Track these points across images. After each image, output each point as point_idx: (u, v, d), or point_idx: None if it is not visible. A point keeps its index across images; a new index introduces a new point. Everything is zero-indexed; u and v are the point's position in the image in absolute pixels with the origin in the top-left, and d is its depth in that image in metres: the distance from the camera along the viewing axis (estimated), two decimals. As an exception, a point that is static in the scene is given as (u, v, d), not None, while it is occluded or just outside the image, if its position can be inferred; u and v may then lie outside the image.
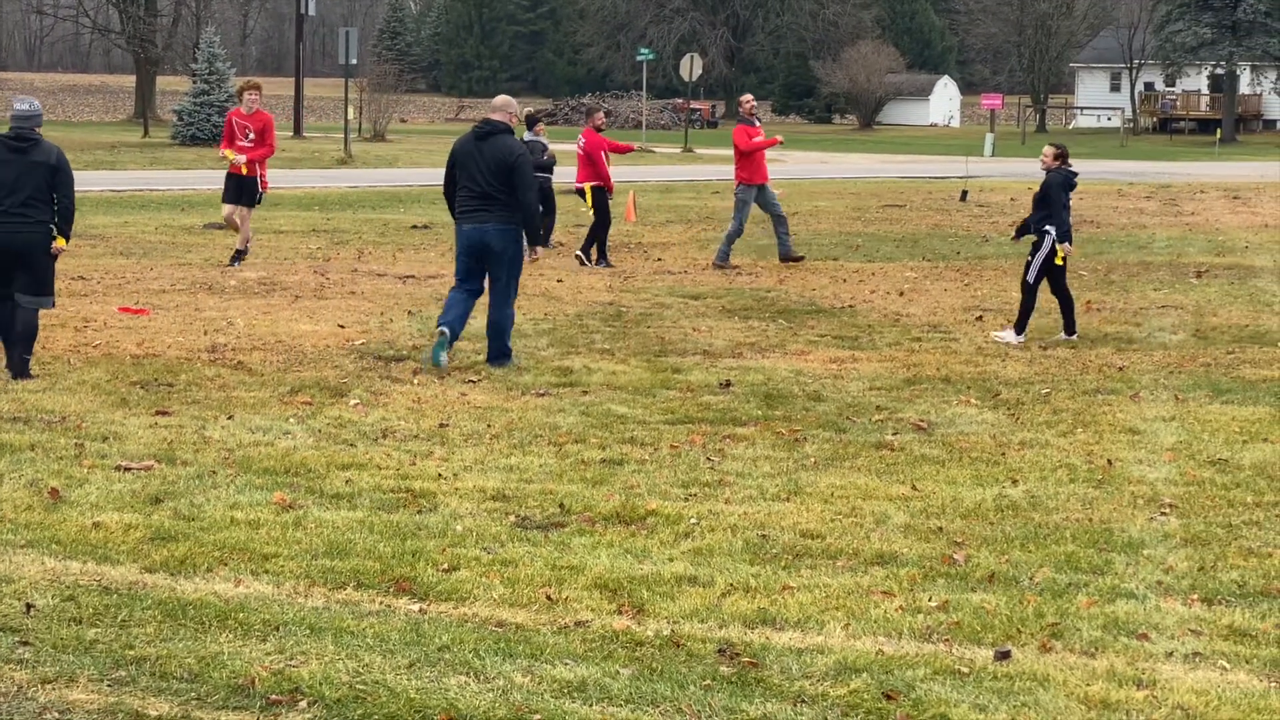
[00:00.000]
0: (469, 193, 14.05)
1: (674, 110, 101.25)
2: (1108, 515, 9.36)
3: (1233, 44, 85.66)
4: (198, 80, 59.24)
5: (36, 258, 12.71)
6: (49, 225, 12.71)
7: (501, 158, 13.93)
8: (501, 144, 14.03)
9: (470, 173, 14.04)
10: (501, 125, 14.20)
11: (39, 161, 12.66)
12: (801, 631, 7.28)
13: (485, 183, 13.94)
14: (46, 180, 12.65)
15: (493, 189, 13.93)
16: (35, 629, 7.07)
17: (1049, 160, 16.15)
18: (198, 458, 10.37)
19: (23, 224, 12.60)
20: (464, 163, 14.13)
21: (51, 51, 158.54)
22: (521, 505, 9.40)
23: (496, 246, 14.00)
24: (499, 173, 13.91)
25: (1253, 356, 15.18)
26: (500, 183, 13.92)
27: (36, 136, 12.83)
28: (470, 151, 14.09)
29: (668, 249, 25.01)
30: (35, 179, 12.63)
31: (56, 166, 12.71)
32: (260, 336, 15.26)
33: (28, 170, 12.63)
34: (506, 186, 13.92)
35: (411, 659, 6.79)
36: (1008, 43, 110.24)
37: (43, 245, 12.69)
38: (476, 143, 14.09)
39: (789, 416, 12.15)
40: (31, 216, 12.62)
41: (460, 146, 14.29)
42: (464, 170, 14.11)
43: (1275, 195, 39.57)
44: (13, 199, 12.58)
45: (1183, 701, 6.49)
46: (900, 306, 18.56)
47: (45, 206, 12.67)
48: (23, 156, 12.67)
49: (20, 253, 12.66)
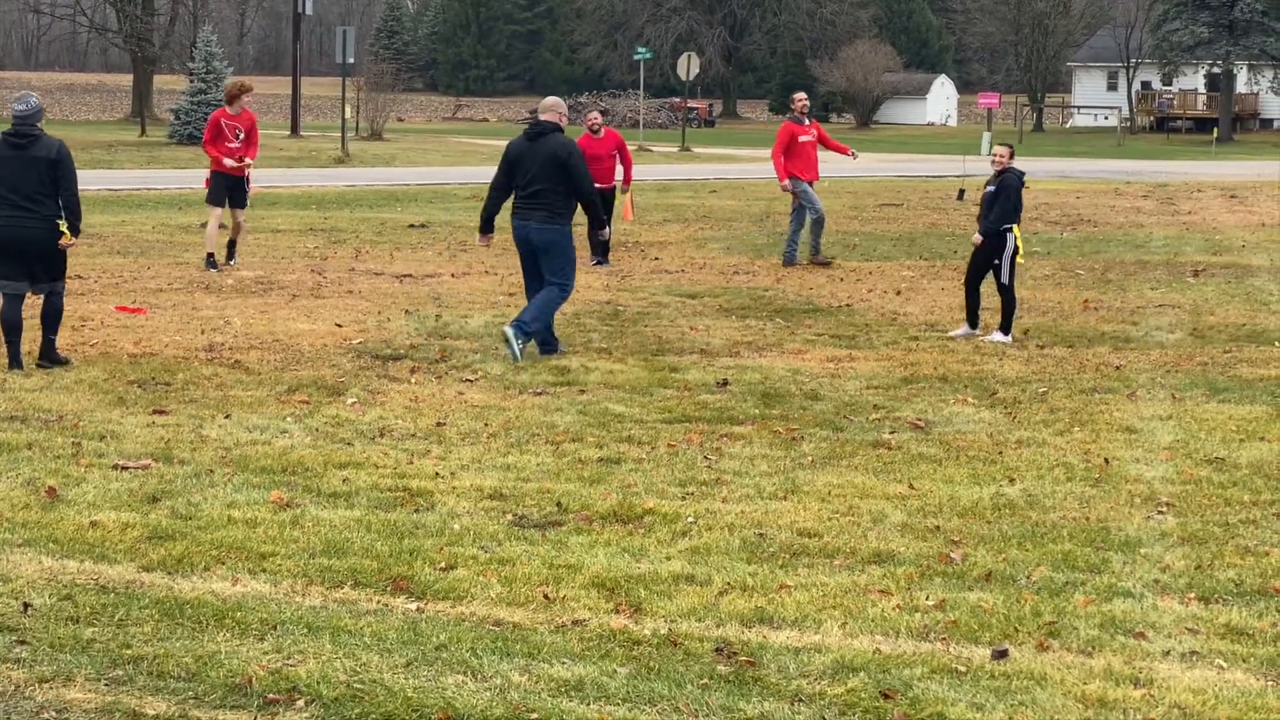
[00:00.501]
0: (521, 192, 14.66)
1: (671, 109, 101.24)
2: (1105, 514, 9.37)
3: (1229, 43, 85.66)
4: (195, 79, 59.21)
5: (45, 249, 13.05)
6: (54, 219, 12.96)
7: (554, 154, 14.46)
8: (554, 142, 14.57)
9: (525, 171, 14.58)
10: (552, 125, 14.71)
11: (39, 157, 12.89)
12: (799, 630, 7.29)
13: (538, 180, 14.48)
14: (48, 175, 12.90)
15: (545, 186, 14.47)
16: (32, 628, 7.07)
17: (1005, 160, 16.07)
18: (195, 457, 10.37)
19: (28, 218, 12.90)
20: (516, 162, 14.68)
21: (49, 50, 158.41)
22: (519, 504, 9.40)
23: (538, 241, 14.58)
24: (553, 170, 14.44)
25: (1250, 355, 15.19)
26: (554, 180, 14.46)
27: (37, 132, 13.01)
28: (524, 152, 14.63)
29: (665, 248, 25.01)
30: (37, 174, 12.88)
31: (57, 160, 12.93)
32: (257, 335, 15.26)
33: (29, 166, 12.88)
34: (560, 183, 14.47)
35: (409, 658, 6.79)
36: (1005, 42, 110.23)
37: (49, 237, 12.98)
38: (529, 143, 14.62)
39: (786, 415, 12.16)
40: (37, 211, 12.89)
41: (515, 148, 14.79)
42: (520, 170, 14.64)
43: (1272, 194, 39.58)
44: (17, 194, 12.85)
45: (1180, 700, 6.49)
46: (897, 305, 18.56)
47: (49, 201, 12.93)
48: (23, 153, 12.90)
49: (28, 246, 13.00)
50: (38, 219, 12.92)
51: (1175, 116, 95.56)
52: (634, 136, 72.27)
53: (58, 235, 13.00)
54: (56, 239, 13.01)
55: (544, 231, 14.53)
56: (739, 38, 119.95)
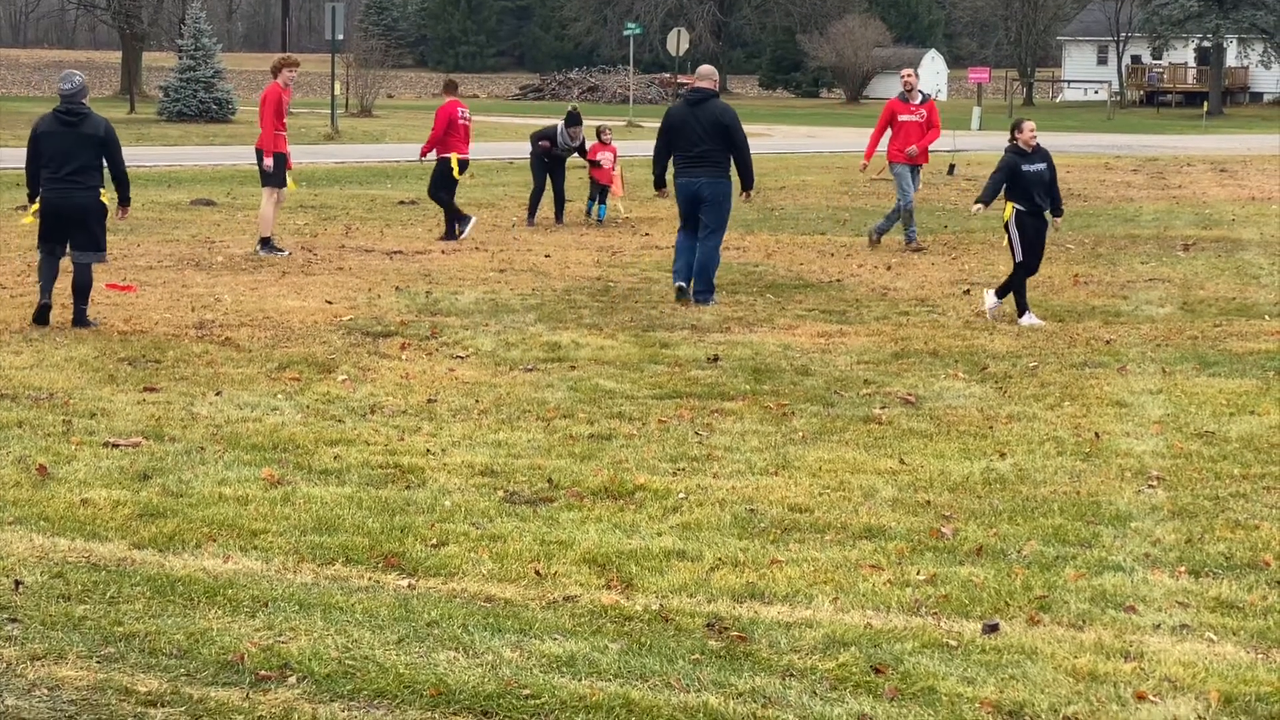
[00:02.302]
0: (685, 154, 16.25)
1: (661, 85, 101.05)
2: (1095, 488, 9.38)
3: (1219, 16, 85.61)
4: (184, 56, 59.12)
5: (88, 219, 14.10)
6: (98, 190, 14.12)
7: (716, 118, 16.18)
8: (715, 107, 16.31)
9: (687, 135, 16.20)
10: (710, 91, 16.44)
11: (89, 134, 13.99)
12: (790, 605, 7.30)
13: (701, 142, 16.13)
14: (97, 151, 14.03)
15: (711, 147, 16.15)
16: (24, 606, 7.07)
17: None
18: (186, 434, 10.36)
19: (75, 189, 13.98)
20: (679, 128, 16.29)
21: (37, 27, 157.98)
22: (510, 480, 9.40)
23: (706, 195, 16.23)
24: (715, 133, 16.13)
25: (1240, 329, 15.20)
26: (717, 141, 16.15)
27: (86, 110, 14.11)
28: (685, 117, 16.29)
29: (655, 224, 24.98)
30: (87, 150, 14.00)
31: (105, 139, 14.03)
32: (248, 313, 15.25)
33: (80, 142, 13.97)
34: (722, 143, 16.15)
35: (400, 634, 6.80)
36: (995, 16, 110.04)
37: (93, 207, 14.10)
38: (691, 109, 16.29)
39: (777, 391, 12.16)
40: (83, 182, 14.00)
41: (676, 114, 16.51)
42: (680, 134, 16.27)
43: (1262, 168, 39.60)
44: (66, 168, 13.92)
45: (1170, 673, 6.51)
46: (888, 281, 18.56)
47: (95, 173, 14.08)
48: (74, 130, 13.99)
49: (73, 215, 14.05)
50: (84, 189, 14.00)
51: (1165, 90, 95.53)
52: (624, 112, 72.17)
53: (100, 206, 14.12)
54: (99, 209, 14.10)
55: (714, 185, 16.22)
56: (728, 13, 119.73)
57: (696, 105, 16.25)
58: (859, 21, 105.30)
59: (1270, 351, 13.91)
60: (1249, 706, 6.23)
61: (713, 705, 6.12)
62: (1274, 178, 36.27)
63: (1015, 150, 15.64)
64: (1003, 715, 6.12)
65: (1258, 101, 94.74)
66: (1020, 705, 6.19)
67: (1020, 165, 15.54)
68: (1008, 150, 15.76)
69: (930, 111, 22.22)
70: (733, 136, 16.19)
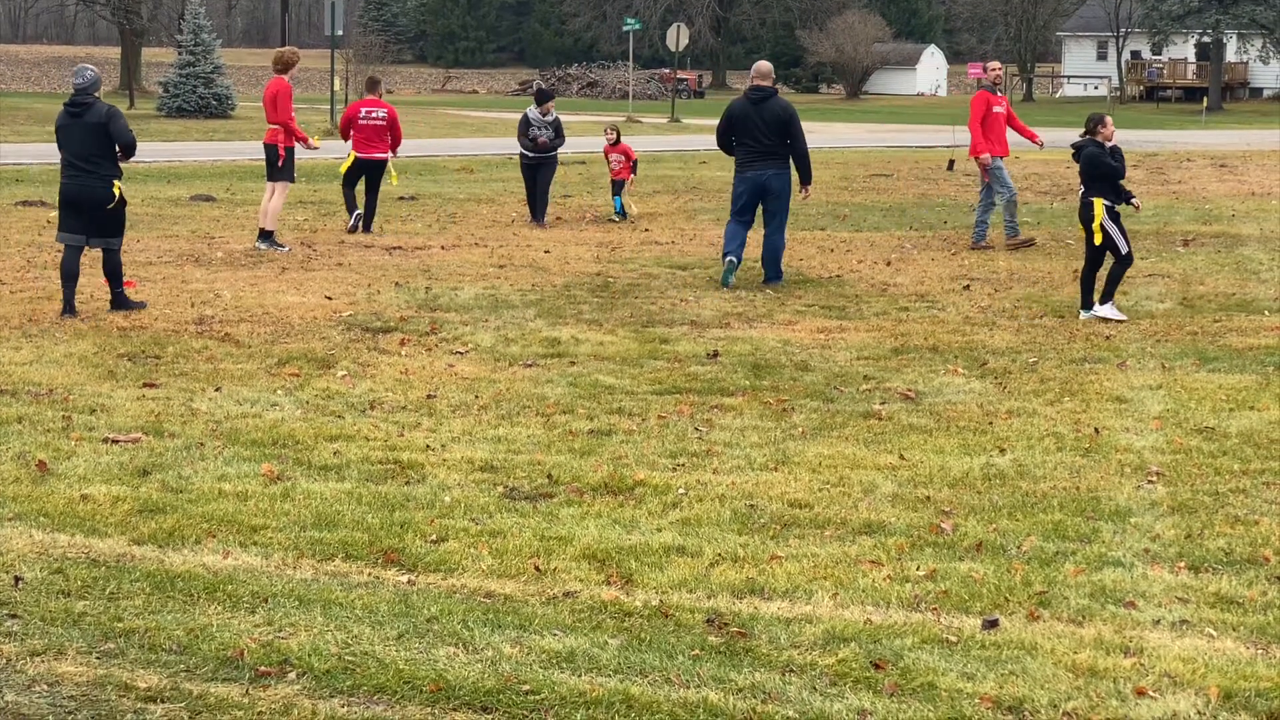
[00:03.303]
0: (749, 148, 17.26)
1: (661, 81, 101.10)
2: (1095, 484, 9.38)
3: (1219, 12, 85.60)
4: (183, 52, 59.08)
5: (100, 206, 14.62)
6: (110, 178, 14.58)
7: (778, 115, 17.22)
8: (777, 105, 17.30)
9: (749, 131, 17.21)
10: (771, 89, 17.38)
11: (93, 123, 14.51)
12: (790, 601, 7.30)
13: (765, 138, 17.18)
14: (104, 136, 14.48)
15: (772, 143, 17.20)
16: (24, 601, 7.07)
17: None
18: (185, 430, 10.36)
19: (87, 177, 14.55)
20: (742, 123, 17.25)
21: (36, 23, 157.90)
22: (509, 476, 9.40)
23: (775, 187, 17.31)
24: (777, 129, 17.17)
25: (1239, 325, 15.19)
26: (778, 137, 17.19)
27: (91, 100, 14.60)
28: (748, 114, 17.22)
29: (655, 219, 24.98)
30: (94, 137, 14.51)
31: (107, 120, 14.52)
32: (247, 308, 15.24)
33: (86, 131, 14.52)
34: (782, 139, 17.19)
35: (400, 630, 6.80)
36: (994, 11, 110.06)
37: (104, 195, 14.56)
38: (754, 106, 17.20)
39: (777, 386, 12.16)
40: (94, 171, 14.55)
41: (738, 109, 17.39)
42: (743, 129, 17.24)
43: (1262, 163, 39.58)
44: (77, 157, 14.54)
45: (1170, 669, 6.51)
46: (888, 276, 18.56)
47: (105, 162, 14.57)
48: (80, 120, 14.57)
49: (87, 202, 14.62)
50: (95, 178, 14.52)
51: (1165, 86, 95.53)
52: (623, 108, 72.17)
53: (111, 193, 14.52)
54: (110, 197, 14.52)
55: (780, 177, 17.33)
56: (728, 8, 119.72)
57: (759, 103, 17.15)
58: (858, 17, 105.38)
59: (1270, 347, 13.90)
60: (1248, 702, 6.23)
61: (712, 701, 6.12)
62: (1274, 173, 36.26)
63: (1099, 145, 15.47)
64: (1002, 711, 6.12)
65: (1257, 97, 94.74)
66: (1020, 701, 6.19)
67: (1110, 161, 15.44)
68: (1091, 145, 15.47)
69: (1007, 103, 22.20)
70: (793, 133, 17.20)
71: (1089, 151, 15.48)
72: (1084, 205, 15.66)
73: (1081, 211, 15.74)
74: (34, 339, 13.34)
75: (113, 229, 14.79)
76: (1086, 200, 15.59)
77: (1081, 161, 15.57)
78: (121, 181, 14.76)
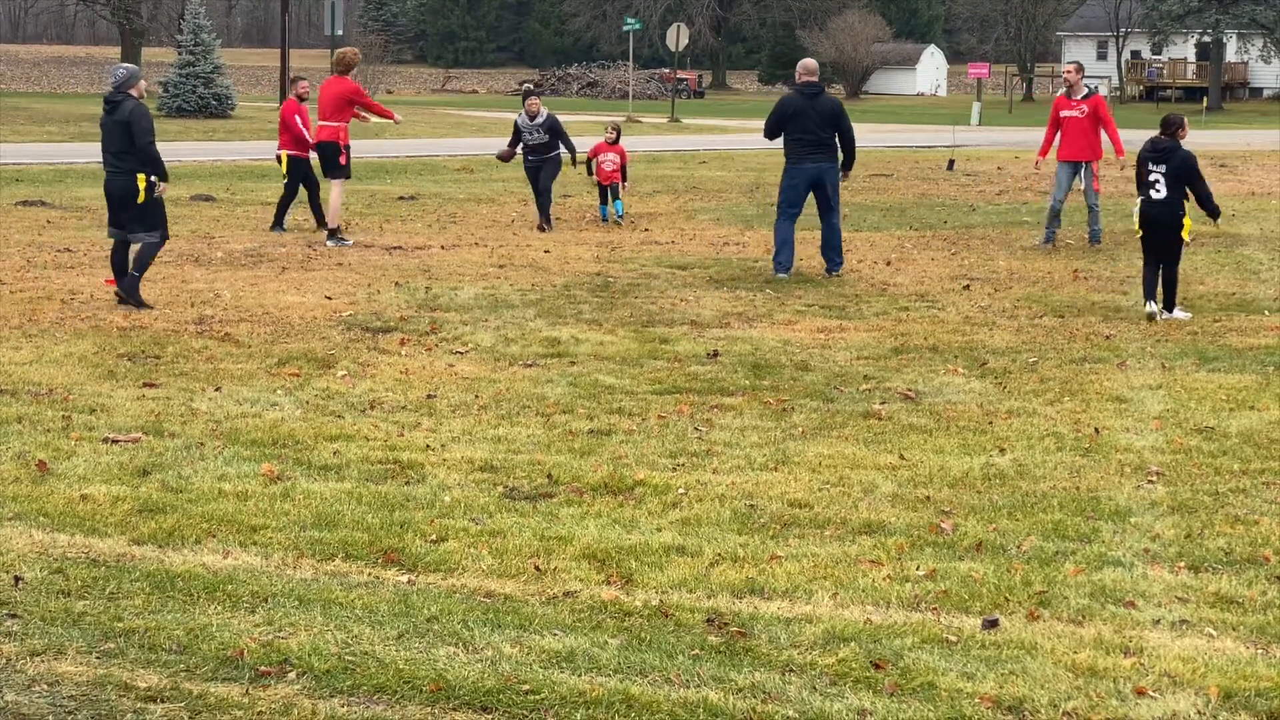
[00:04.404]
0: (803, 140, 18.15)
1: (660, 80, 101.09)
2: (1095, 483, 9.38)
3: (1219, 12, 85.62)
4: (183, 52, 59.08)
5: (130, 200, 15.09)
6: (135, 173, 15.02)
7: (831, 109, 18.31)
8: (829, 100, 18.45)
9: (803, 124, 18.10)
10: (820, 85, 18.46)
11: (120, 120, 15.03)
12: (789, 601, 7.29)
13: (819, 131, 18.12)
14: (127, 134, 14.98)
15: (825, 136, 18.18)
16: (24, 601, 7.07)
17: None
18: (185, 429, 10.36)
19: (115, 173, 15.16)
20: (796, 117, 18.10)
21: (36, 23, 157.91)
22: (509, 476, 9.40)
23: (830, 179, 18.31)
24: (829, 122, 18.19)
25: (1239, 324, 15.20)
26: (830, 129, 18.20)
27: (121, 98, 15.11)
28: (802, 108, 18.11)
29: (655, 219, 24.99)
30: (120, 134, 15.03)
31: (129, 121, 14.98)
32: (247, 308, 15.24)
33: (114, 128, 15.08)
34: (834, 130, 18.21)
35: (400, 630, 6.79)
36: (994, 11, 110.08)
37: (132, 190, 15.03)
38: (808, 101, 18.14)
39: (776, 386, 12.16)
40: (121, 166, 15.10)
41: (791, 103, 18.26)
42: (796, 123, 18.11)
43: (1262, 163, 39.58)
44: (108, 153, 15.18)
45: (1170, 669, 6.51)
46: (887, 276, 18.56)
47: (131, 158, 15.04)
48: (110, 117, 15.13)
49: (117, 196, 15.18)
50: (122, 173, 15.07)
51: (1165, 85, 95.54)
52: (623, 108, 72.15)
53: (136, 188, 14.96)
54: (135, 191, 14.96)
55: (833, 168, 18.32)
56: (728, 8, 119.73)
57: (813, 99, 18.15)
58: (858, 17, 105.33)
59: (1270, 347, 13.91)
60: (1248, 702, 6.23)
61: (712, 700, 6.12)
62: (1274, 173, 36.27)
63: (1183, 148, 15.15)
64: (1002, 710, 6.12)
65: (1257, 97, 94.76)
66: (1020, 700, 6.19)
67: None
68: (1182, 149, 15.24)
69: (1096, 106, 21.60)
70: (843, 125, 18.29)
71: (1189, 156, 15.25)
72: (1174, 206, 15.25)
73: (1171, 212, 15.27)
74: (34, 339, 13.34)
75: (146, 223, 15.16)
76: (1177, 201, 15.23)
77: (1181, 165, 15.21)
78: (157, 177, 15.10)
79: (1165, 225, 15.28)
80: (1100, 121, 21.57)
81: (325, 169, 20.98)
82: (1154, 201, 15.29)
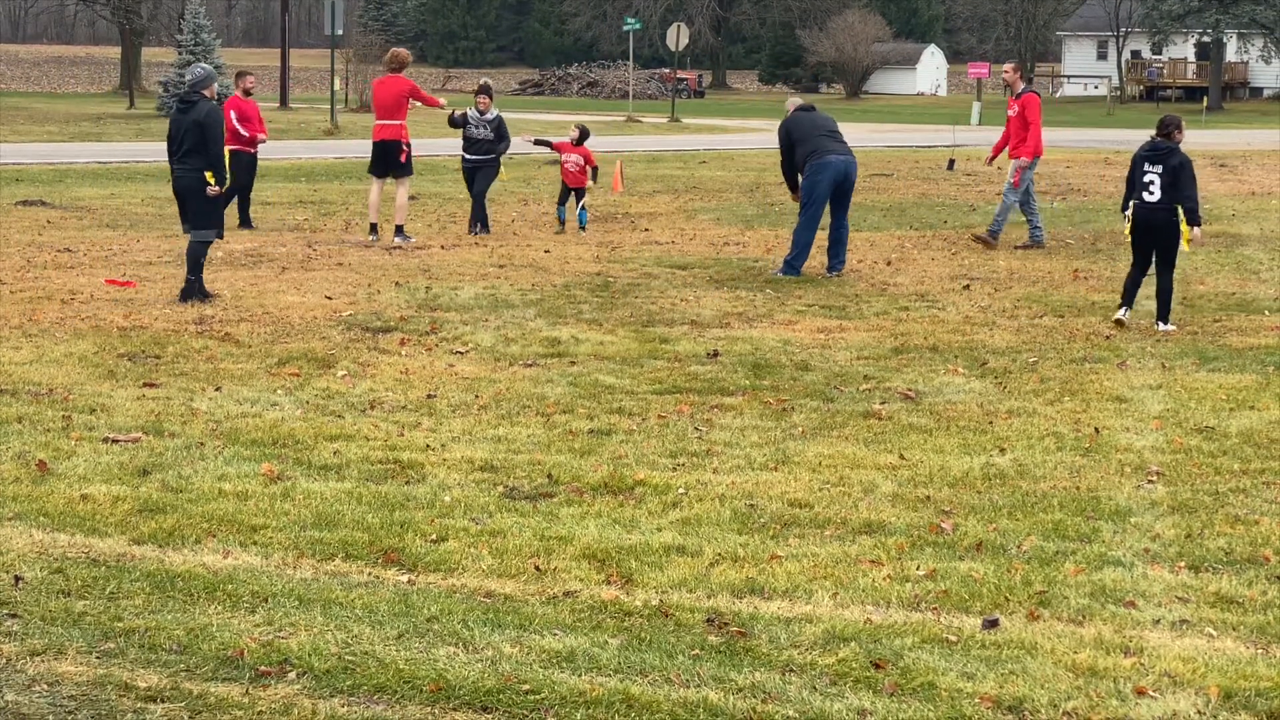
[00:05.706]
0: (826, 135, 18.73)
1: (661, 80, 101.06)
2: (1095, 483, 9.38)
3: (1219, 11, 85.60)
4: (183, 51, 58.97)
5: (194, 198, 15.56)
6: (203, 172, 15.43)
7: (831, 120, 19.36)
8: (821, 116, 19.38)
9: (817, 124, 18.83)
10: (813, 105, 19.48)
11: (193, 120, 15.47)
12: (790, 601, 7.29)
13: (834, 127, 19.00)
14: (200, 135, 15.42)
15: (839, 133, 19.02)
16: (24, 601, 7.07)
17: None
18: (185, 429, 10.36)
19: (184, 171, 15.57)
20: (807, 124, 18.76)
21: (36, 23, 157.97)
22: (509, 476, 9.40)
23: (855, 174, 18.92)
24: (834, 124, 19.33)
25: (1239, 324, 15.20)
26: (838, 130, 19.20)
27: (196, 98, 15.61)
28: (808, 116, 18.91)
29: (655, 219, 24.98)
30: (193, 134, 15.45)
31: (203, 123, 15.45)
32: (247, 308, 15.24)
33: (188, 127, 15.50)
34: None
35: (400, 630, 6.80)
36: (994, 11, 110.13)
37: (197, 188, 15.46)
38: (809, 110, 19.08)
39: (777, 386, 12.16)
40: (190, 164, 15.50)
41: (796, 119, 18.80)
42: (811, 126, 18.76)
43: (1262, 163, 39.58)
44: (178, 151, 15.60)
45: (1170, 668, 6.51)
46: (888, 276, 18.56)
47: (199, 157, 15.46)
48: (185, 115, 15.57)
49: (183, 193, 15.68)
50: (190, 170, 15.47)
51: (1165, 85, 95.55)
52: (623, 107, 72.15)
53: (204, 186, 15.37)
54: (202, 189, 15.38)
55: (856, 166, 18.96)
56: (728, 8, 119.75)
57: (812, 109, 19.23)
58: (859, 16, 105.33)
59: (1270, 347, 13.91)
60: (1249, 701, 6.23)
61: (712, 700, 6.12)
62: (1274, 173, 36.27)
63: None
64: (1002, 710, 6.12)
65: (1257, 97, 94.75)
66: (1020, 700, 6.19)
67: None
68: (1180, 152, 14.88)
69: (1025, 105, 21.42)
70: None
71: (1187, 159, 14.85)
72: (1168, 209, 14.77)
73: (1165, 215, 14.79)
74: (34, 339, 13.34)
75: (201, 220, 15.55)
76: (1171, 204, 14.76)
77: (1180, 169, 14.80)
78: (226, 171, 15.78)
79: (1158, 228, 14.92)
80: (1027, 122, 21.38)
81: (391, 168, 21.04)
82: (1147, 204, 14.92)
